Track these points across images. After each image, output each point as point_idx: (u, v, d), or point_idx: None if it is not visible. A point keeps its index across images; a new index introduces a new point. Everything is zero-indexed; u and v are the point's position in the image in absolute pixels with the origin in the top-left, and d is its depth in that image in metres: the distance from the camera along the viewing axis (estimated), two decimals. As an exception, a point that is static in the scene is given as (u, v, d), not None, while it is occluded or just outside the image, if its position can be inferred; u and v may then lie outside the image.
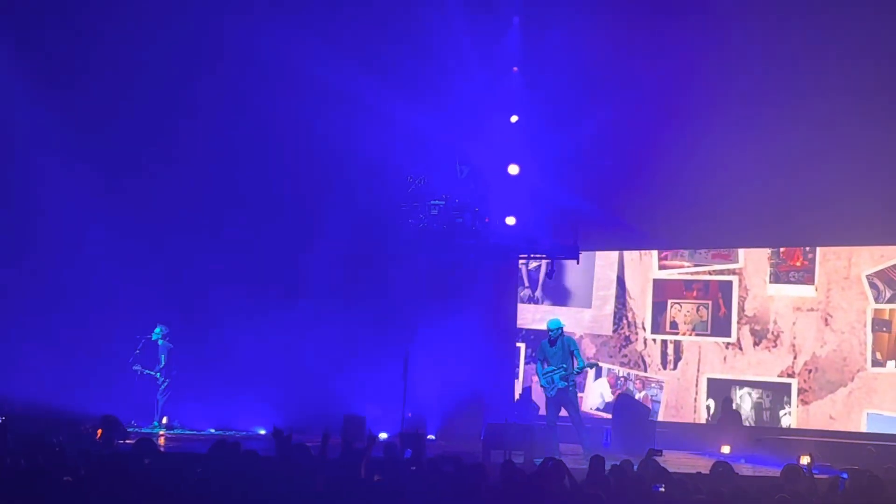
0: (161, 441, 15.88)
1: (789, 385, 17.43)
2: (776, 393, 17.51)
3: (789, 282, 17.62)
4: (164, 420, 17.64)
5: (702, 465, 13.57)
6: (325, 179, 18.43)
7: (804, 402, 17.31)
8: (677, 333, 18.37)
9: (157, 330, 17.71)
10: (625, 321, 18.73)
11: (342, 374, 17.47)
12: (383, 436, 16.06)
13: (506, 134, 18.21)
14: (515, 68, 18.14)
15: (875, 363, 16.78)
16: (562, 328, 15.54)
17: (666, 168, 17.25)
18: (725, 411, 17.27)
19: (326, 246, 18.05)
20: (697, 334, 18.27)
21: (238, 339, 17.85)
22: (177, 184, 17.87)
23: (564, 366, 15.19)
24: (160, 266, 17.82)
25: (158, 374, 17.58)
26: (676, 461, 14.41)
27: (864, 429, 16.64)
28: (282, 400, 17.28)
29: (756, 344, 17.79)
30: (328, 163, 18.30)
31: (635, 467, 10.37)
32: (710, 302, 18.22)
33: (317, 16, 17.35)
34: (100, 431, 13.29)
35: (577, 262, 18.23)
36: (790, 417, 17.33)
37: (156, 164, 17.72)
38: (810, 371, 17.32)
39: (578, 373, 15.41)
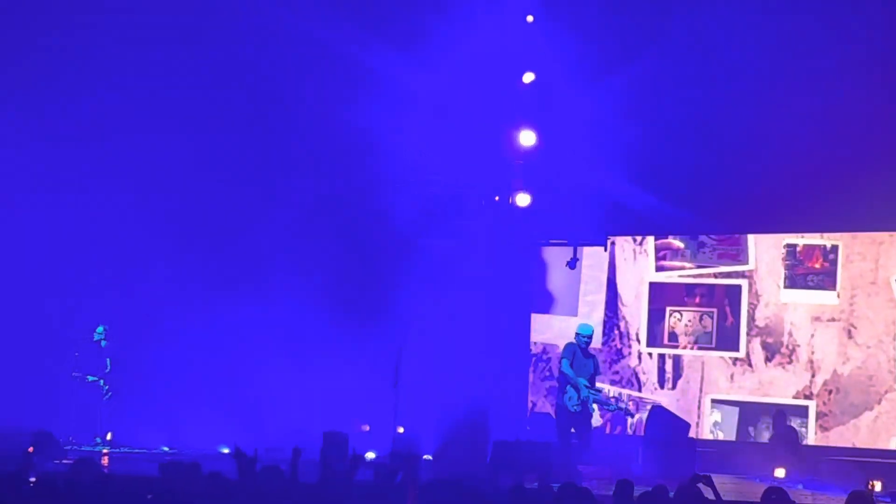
0: (104, 461, 15.87)
1: (806, 408, 17.43)
2: (791, 417, 17.46)
3: (807, 287, 17.59)
4: (109, 436, 17.62)
5: (752, 491, 13.55)
6: (304, 155, 18.47)
7: (823, 428, 17.31)
8: (677, 347, 18.35)
9: (100, 329, 17.70)
10: (616, 332, 18.67)
11: (322, 383, 17.46)
12: (370, 455, 16.04)
13: (519, 95, 18.19)
14: (530, 17, 18.08)
15: None
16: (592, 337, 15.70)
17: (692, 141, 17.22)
18: (779, 428, 17.25)
19: (305, 232, 18.09)
20: (700, 348, 18.26)
21: (198, 342, 17.88)
22: (126, 168, 18.04)
23: (598, 389, 15.48)
24: (106, 255, 17.88)
25: (102, 380, 17.56)
26: (722, 487, 14.20)
27: None
28: (250, 413, 17.29)
29: (768, 360, 17.79)
30: (308, 134, 18.35)
31: (671, 494, 10.34)
32: (714, 310, 18.19)
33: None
34: (31, 449, 13.26)
35: (605, 250, 18.23)
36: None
37: (98, 142, 17.91)
38: (831, 392, 17.31)
39: (610, 409, 16.09)
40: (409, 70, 17.40)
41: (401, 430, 16.43)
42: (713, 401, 17.85)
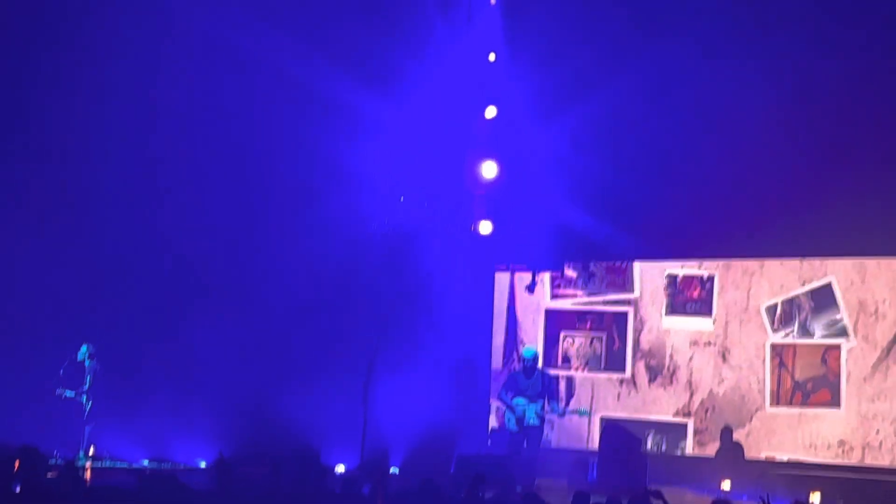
0: (87, 474, 15.83)
1: (685, 425, 17.88)
2: (672, 434, 17.93)
3: (686, 313, 18.05)
4: (91, 450, 17.57)
5: (700, 503, 13.68)
6: (277, 182, 18.52)
7: (700, 444, 17.73)
8: (570, 369, 18.65)
9: (84, 349, 17.63)
10: (515, 354, 18.83)
11: (294, 399, 17.48)
12: (340, 468, 16.09)
13: (481, 128, 18.36)
14: (493, 56, 18.26)
15: (773, 402, 17.25)
16: (538, 358, 16.17)
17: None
18: (725, 443, 17.39)
19: (278, 255, 18.13)
20: (590, 370, 18.64)
21: (176, 360, 17.87)
22: (105, 185, 18.01)
23: (541, 402, 15.81)
24: (88, 274, 17.85)
25: (83, 396, 17.51)
26: (671, 499, 14.48)
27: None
28: (225, 428, 17.28)
29: (652, 380, 18.20)
30: (280, 162, 18.40)
31: (624, 506, 10.46)
32: (604, 334, 18.60)
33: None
34: (17, 464, 13.24)
35: (562, 276, 18.45)
36: (684, 460, 17.84)
37: (85, 164, 17.89)
38: (707, 410, 17.75)
39: (559, 415, 16.23)
40: (378, 105, 17.55)
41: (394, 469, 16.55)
42: (602, 419, 18.06)
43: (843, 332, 16.96)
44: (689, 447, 17.75)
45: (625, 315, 18.47)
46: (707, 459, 17.47)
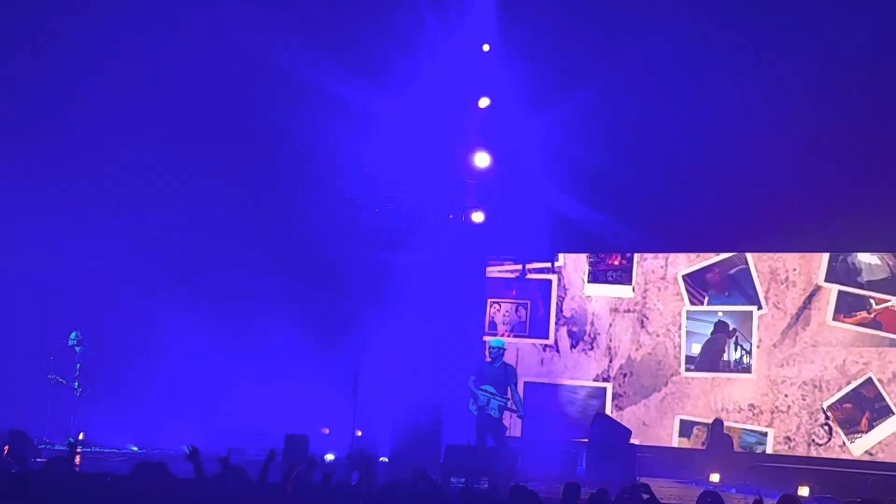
0: (77, 459, 15.78)
1: (604, 389, 18.32)
2: (591, 398, 18.33)
3: (607, 281, 18.48)
4: (81, 436, 17.52)
5: (689, 495, 13.67)
6: (269, 173, 18.47)
7: (619, 408, 18.19)
8: (496, 335, 18.72)
9: (73, 335, 17.61)
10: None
11: (284, 388, 17.45)
12: (329, 457, 16.05)
13: (475, 119, 18.31)
14: (486, 46, 18.18)
15: (689, 367, 17.68)
16: (504, 349, 16.37)
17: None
18: (715, 435, 17.40)
19: (269, 245, 18.08)
20: (516, 335, 18.83)
21: (164, 346, 17.83)
22: (99, 181, 18.04)
23: (507, 397, 16.10)
24: (78, 263, 17.81)
25: (74, 383, 17.47)
26: (659, 491, 14.39)
27: (675, 435, 17.64)
28: (214, 416, 17.24)
29: (573, 346, 18.63)
30: (272, 153, 18.36)
31: (613, 497, 10.43)
32: (528, 301, 18.90)
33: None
34: (6, 448, 13.19)
35: (552, 267, 18.46)
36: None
37: (77, 159, 17.95)
38: (625, 375, 18.22)
39: (514, 412, 16.38)
40: (372, 95, 17.49)
41: (359, 433, 16.44)
42: (525, 383, 18.36)
43: (754, 300, 17.35)
44: (609, 410, 18.00)
45: (549, 283, 18.79)
46: (697, 452, 17.49)
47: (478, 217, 18.46)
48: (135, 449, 17.41)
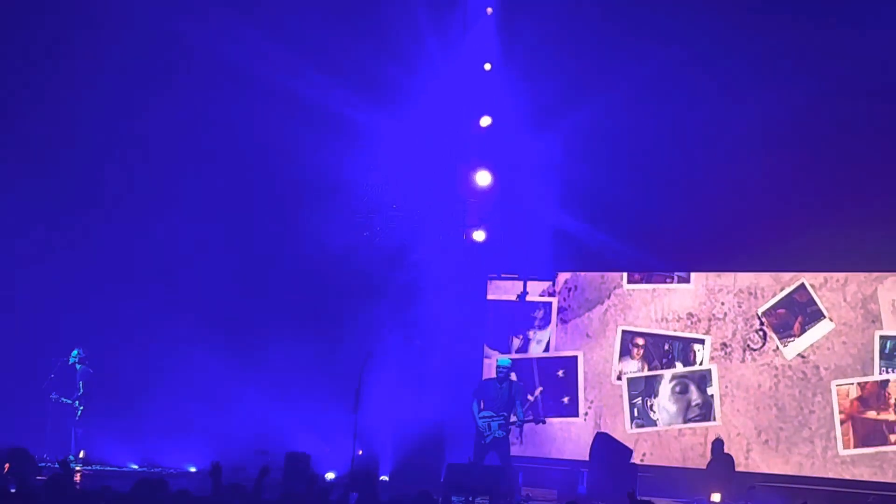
0: (77, 478, 15.78)
1: (550, 304, 18.63)
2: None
3: None
4: (82, 454, 17.51)
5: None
6: (271, 192, 18.51)
7: (563, 321, 18.57)
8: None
9: (74, 353, 17.60)
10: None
11: (285, 405, 17.42)
12: (330, 476, 16.03)
13: (476, 137, 18.35)
14: (488, 65, 18.23)
15: (631, 280, 18.19)
16: (510, 369, 16.14)
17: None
18: (716, 454, 17.37)
19: (271, 264, 18.10)
20: None
21: (165, 364, 17.82)
22: (101, 197, 18.09)
23: (505, 413, 15.79)
24: (79, 282, 17.83)
25: (76, 402, 17.47)
26: (660, 510, 14.50)
27: (617, 344, 18.07)
28: (215, 433, 17.22)
29: None
30: (274, 173, 18.40)
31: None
32: None
33: (252, 4, 17.57)
34: (7, 466, 13.18)
35: (553, 284, 18.49)
36: (544, 341, 18.54)
37: (80, 176, 18.05)
38: (570, 289, 18.55)
39: (519, 426, 16.05)
40: (374, 115, 17.52)
41: (360, 452, 16.40)
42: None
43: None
44: (553, 325, 18.44)
45: None
46: (697, 471, 17.47)
47: (479, 236, 18.46)
48: (135, 467, 17.39)
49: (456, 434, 17.74)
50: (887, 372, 16.44)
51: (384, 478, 17.13)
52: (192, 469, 17.07)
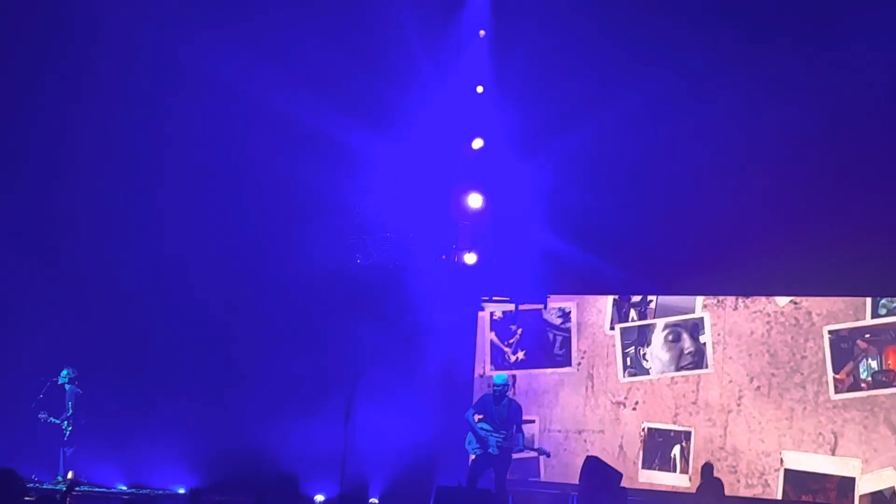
0: (67, 499, 15.68)
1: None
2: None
3: None
4: (70, 474, 17.44)
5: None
6: (262, 214, 18.53)
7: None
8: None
9: (64, 373, 17.57)
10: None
11: (275, 427, 17.38)
12: (320, 498, 15.98)
13: (468, 160, 18.38)
14: (480, 88, 18.28)
15: None
16: (508, 386, 16.07)
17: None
18: (706, 478, 17.34)
19: (263, 285, 18.10)
20: None
21: (154, 385, 17.79)
22: (94, 216, 18.08)
23: (504, 433, 15.69)
24: (68, 301, 17.83)
25: (65, 422, 17.40)
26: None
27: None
28: (204, 455, 17.18)
29: None
30: (265, 195, 18.42)
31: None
32: None
33: (245, 25, 17.62)
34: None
35: (545, 308, 18.48)
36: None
37: (67, 194, 18.04)
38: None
39: (518, 450, 15.97)
40: (366, 137, 17.54)
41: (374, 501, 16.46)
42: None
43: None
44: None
45: None
46: (688, 495, 17.45)
47: (470, 258, 18.45)
48: (124, 488, 17.33)
49: (446, 457, 17.73)
50: (879, 317, 16.47)
51: (374, 501, 17.08)
52: (181, 490, 16.99)
